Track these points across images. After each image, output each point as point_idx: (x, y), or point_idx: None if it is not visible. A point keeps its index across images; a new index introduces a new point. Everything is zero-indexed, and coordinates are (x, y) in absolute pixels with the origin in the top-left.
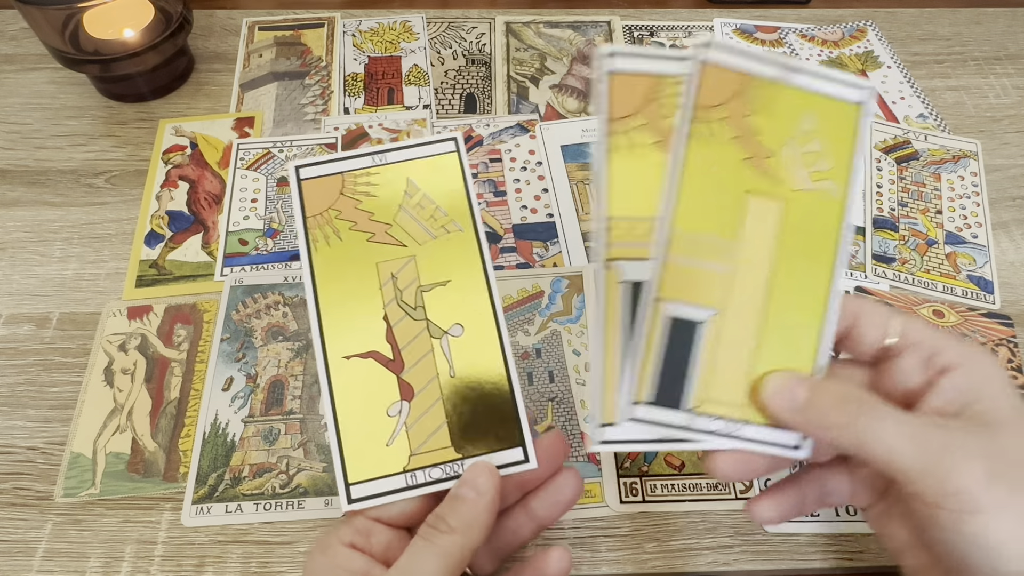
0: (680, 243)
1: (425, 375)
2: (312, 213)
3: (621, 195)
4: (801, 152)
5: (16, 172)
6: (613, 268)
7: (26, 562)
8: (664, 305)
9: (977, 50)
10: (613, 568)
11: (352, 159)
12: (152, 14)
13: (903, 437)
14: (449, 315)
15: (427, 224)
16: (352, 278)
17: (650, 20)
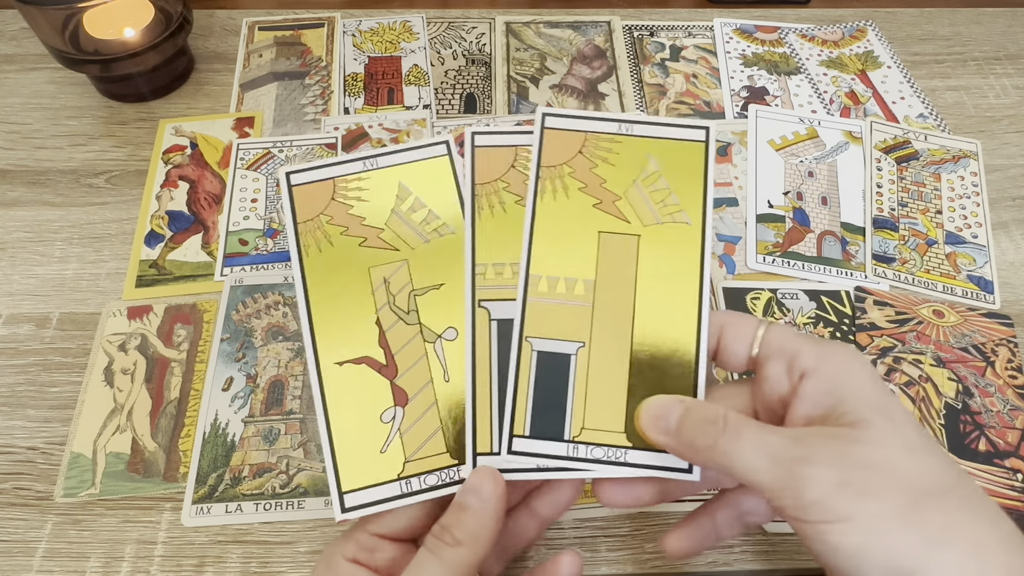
0: (539, 284)
1: (419, 380)
2: (303, 219)
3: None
4: (648, 191)
5: (16, 172)
6: (484, 309)
7: (26, 562)
8: (531, 342)
9: (977, 50)
10: (613, 568)
11: (343, 164)
12: (152, 14)
13: (760, 454)
14: (443, 318)
15: (419, 228)
16: (344, 283)
17: (650, 20)
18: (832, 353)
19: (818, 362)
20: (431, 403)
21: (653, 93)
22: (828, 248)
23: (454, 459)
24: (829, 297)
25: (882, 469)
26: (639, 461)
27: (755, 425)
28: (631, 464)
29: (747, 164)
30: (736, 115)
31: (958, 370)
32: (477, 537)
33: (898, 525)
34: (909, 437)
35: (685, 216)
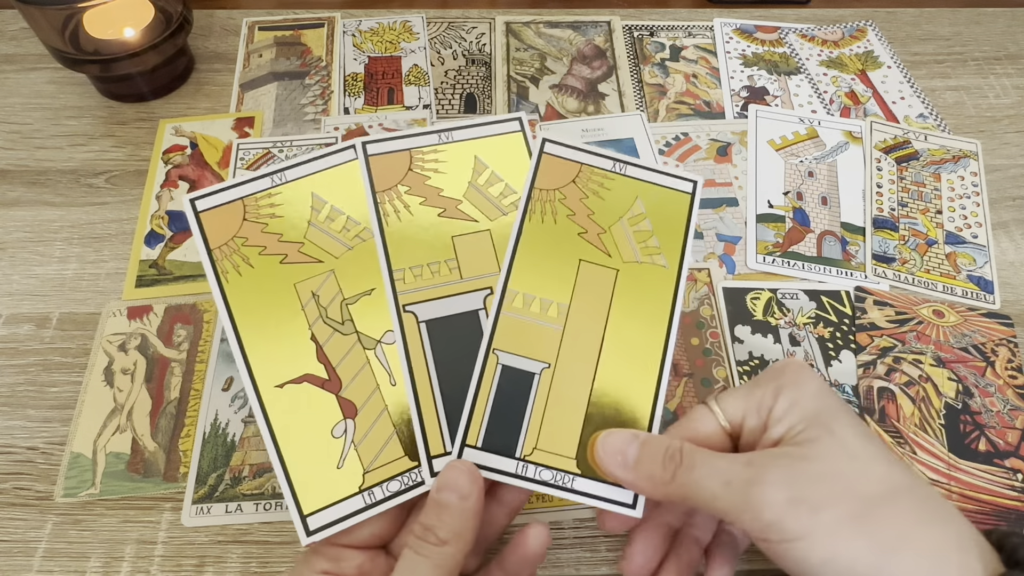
0: (514, 300)
1: (365, 389)
2: (216, 244)
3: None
4: (632, 230)
5: (16, 172)
6: (410, 313)
7: (26, 562)
8: (498, 354)
9: (977, 50)
10: (613, 568)
11: (250, 183)
12: (152, 14)
13: (717, 481)
14: (380, 323)
15: (340, 236)
16: (271, 304)
17: (650, 20)
18: (783, 380)
19: (774, 395)
20: (381, 409)
21: (653, 93)
22: (828, 248)
23: (414, 461)
24: (829, 297)
25: (830, 481)
26: (585, 490)
27: (708, 453)
28: (577, 491)
29: (747, 164)
30: (736, 115)
31: (958, 370)
32: (461, 534)
33: (854, 534)
34: (854, 447)
35: (663, 259)
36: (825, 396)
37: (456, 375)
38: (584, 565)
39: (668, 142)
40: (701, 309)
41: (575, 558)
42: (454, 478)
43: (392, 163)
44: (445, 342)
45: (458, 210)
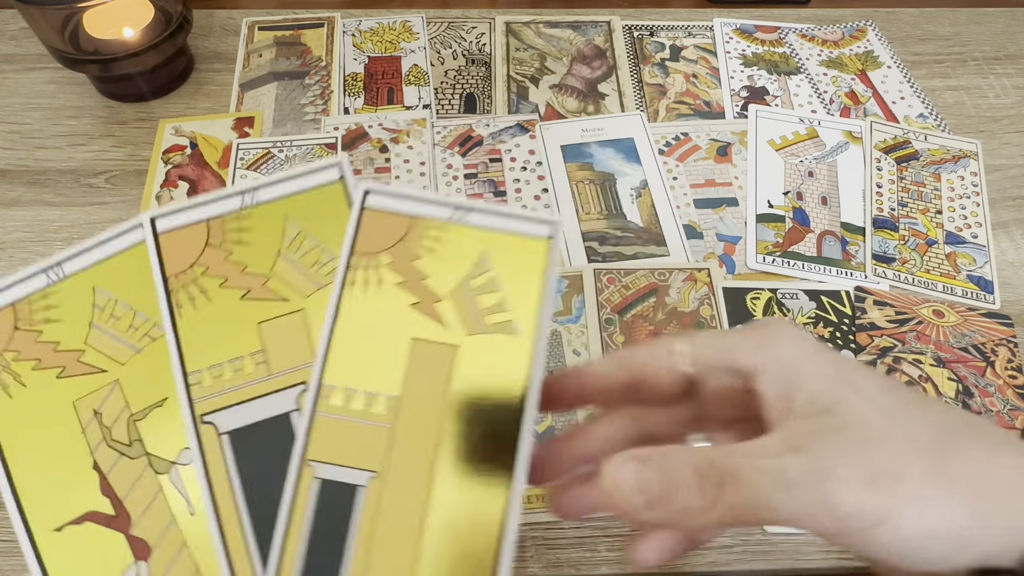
0: (332, 397)
1: (159, 522)
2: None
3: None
4: (476, 294)
5: (16, 172)
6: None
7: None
8: (314, 466)
9: (977, 50)
10: (613, 568)
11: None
12: (152, 14)
13: (774, 489)
14: (174, 440)
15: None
16: (46, 430)
17: (650, 20)
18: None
19: (759, 356)
20: (179, 546)
21: (653, 93)
22: (828, 248)
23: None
24: (829, 297)
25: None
26: None
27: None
28: None
29: (747, 164)
30: (736, 115)
31: (958, 370)
32: None
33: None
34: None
35: (517, 326)
36: (826, 352)
37: (267, 496)
38: (584, 565)
39: (668, 142)
40: (701, 309)
41: (575, 558)
42: None
43: (187, 239)
44: (253, 456)
45: (266, 288)
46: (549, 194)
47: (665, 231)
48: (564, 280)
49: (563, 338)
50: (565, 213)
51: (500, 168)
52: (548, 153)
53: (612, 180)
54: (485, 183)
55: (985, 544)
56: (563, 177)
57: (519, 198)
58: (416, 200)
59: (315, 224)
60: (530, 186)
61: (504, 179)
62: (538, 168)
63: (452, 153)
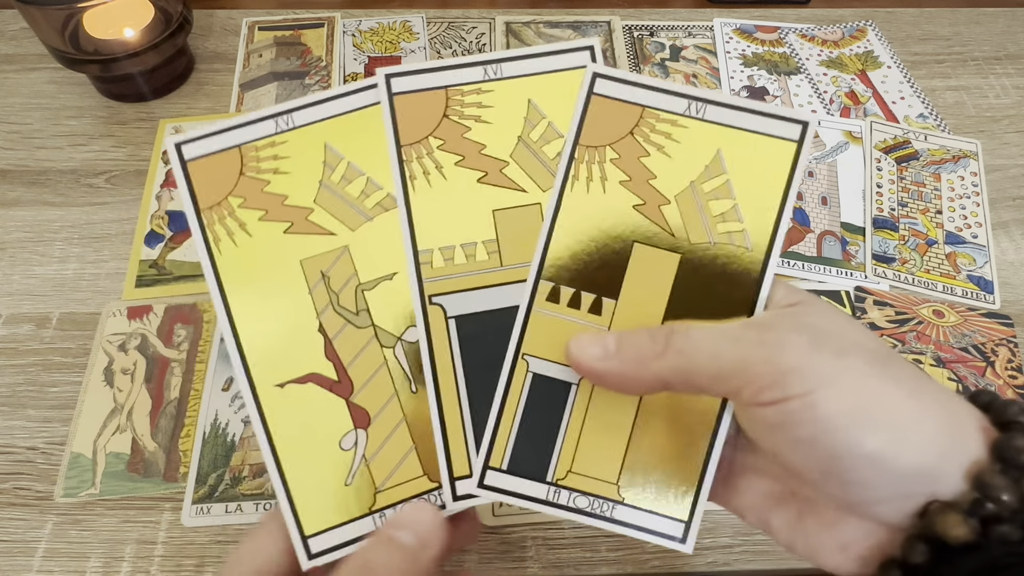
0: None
1: (381, 395)
2: (207, 204)
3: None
4: (707, 199)
5: (16, 172)
6: (437, 306)
7: (26, 562)
8: (529, 361)
9: (977, 50)
10: (613, 568)
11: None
12: (152, 14)
13: (720, 340)
14: (401, 316)
15: (358, 203)
16: (272, 283)
17: (650, 20)
18: None
19: None
20: (399, 420)
21: None
22: (828, 248)
23: (434, 482)
24: (829, 297)
25: (840, 332)
26: (628, 520)
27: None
28: (618, 521)
29: None
30: None
31: (958, 370)
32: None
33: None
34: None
35: (747, 239)
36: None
37: (490, 384)
38: (584, 565)
39: None
40: None
41: (575, 558)
42: (418, 519)
43: (424, 105)
44: (479, 344)
45: (503, 175)
46: None
47: None
48: None
49: None
50: None
51: None
52: None
53: None
54: None
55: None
56: None
57: None
58: (649, 88)
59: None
60: None
61: None
62: None
63: None
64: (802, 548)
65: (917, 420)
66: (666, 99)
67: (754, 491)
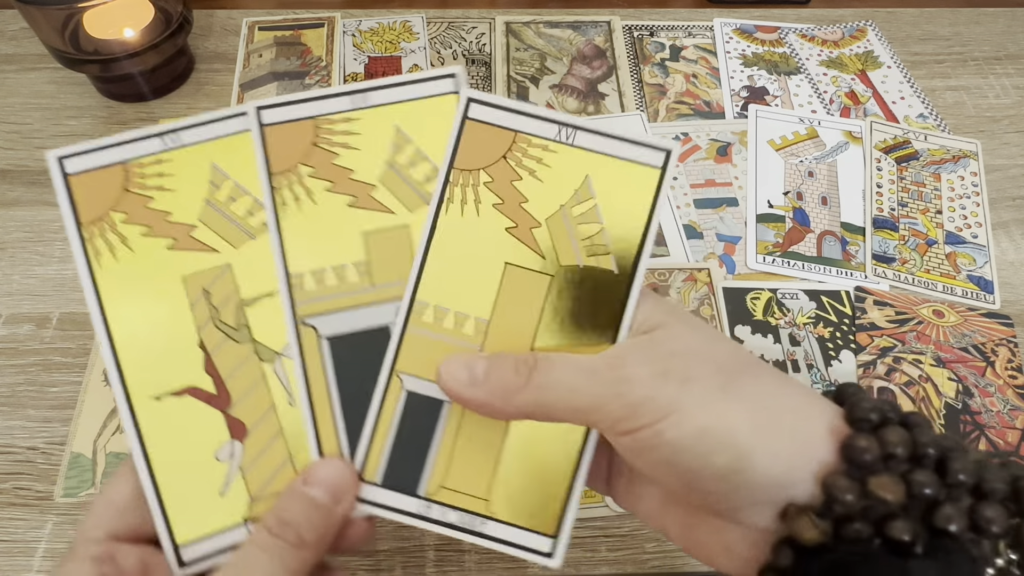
0: (424, 314)
1: (258, 408)
2: (88, 219)
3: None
4: (576, 223)
5: (16, 172)
6: (309, 327)
7: (26, 562)
8: (403, 379)
9: (977, 50)
10: (613, 568)
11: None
12: (152, 14)
13: (577, 376)
14: (281, 332)
15: (242, 221)
16: (153, 298)
17: (650, 20)
18: None
19: None
20: (276, 432)
21: (653, 93)
22: (828, 248)
23: None
24: (829, 297)
25: (689, 357)
26: (497, 535)
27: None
28: (488, 536)
29: (747, 164)
30: (736, 115)
31: (958, 370)
32: (323, 539)
33: (726, 400)
34: (698, 327)
35: (613, 263)
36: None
37: (363, 401)
38: (584, 565)
39: None
40: (701, 309)
41: (575, 558)
42: (333, 476)
43: (293, 135)
44: (351, 362)
45: (372, 198)
46: None
47: (665, 231)
48: None
49: None
50: None
51: None
52: None
53: None
54: None
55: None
56: None
57: None
58: (521, 114)
59: (426, 136)
60: None
61: None
62: None
63: None
64: (695, 551)
65: (760, 434)
66: (537, 124)
67: (650, 498)
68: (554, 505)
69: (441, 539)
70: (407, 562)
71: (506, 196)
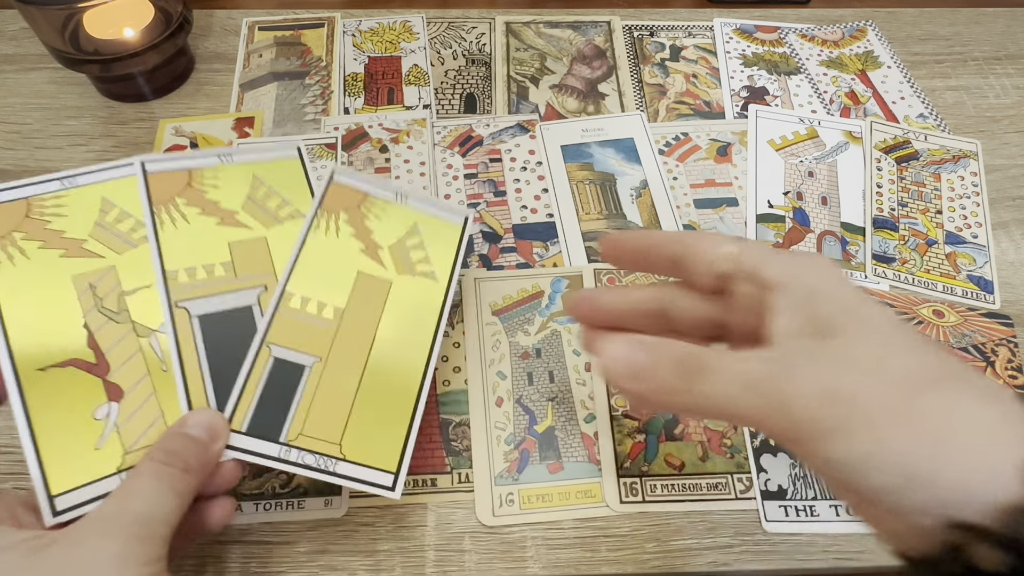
0: (291, 300)
1: (135, 374)
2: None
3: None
4: (409, 250)
5: (16, 172)
6: (182, 308)
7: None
8: (271, 348)
9: (977, 50)
10: (613, 568)
11: (36, 185)
12: (152, 14)
13: (737, 384)
14: (158, 316)
15: (127, 236)
16: (44, 293)
17: (650, 20)
18: (798, 261)
19: (785, 273)
20: (149, 393)
21: (653, 93)
22: (828, 248)
23: None
24: None
25: (865, 369)
26: (347, 473)
27: (723, 355)
28: (338, 475)
29: (747, 164)
30: (736, 115)
31: None
32: (205, 468)
33: (898, 423)
34: (886, 332)
35: (436, 274)
36: (848, 285)
37: (229, 367)
38: (584, 565)
39: (668, 142)
40: None
41: (575, 558)
42: (207, 418)
43: (172, 180)
44: (219, 335)
45: (236, 219)
46: (549, 194)
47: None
48: (564, 280)
49: (563, 338)
50: (565, 213)
51: (500, 168)
52: (548, 153)
53: (612, 180)
54: (485, 183)
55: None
56: (563, 177)
57: (519, 198)
58: (371, 184)
59: (276, 181)
60: (530, 186)
61: (504, 179)
62: (538, 168)
63: (452, 153)
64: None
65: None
66: (382, 191)
67: None
68: (395, 447)
69: (441, 539)
70: (407, 562)
71: (359, 228)
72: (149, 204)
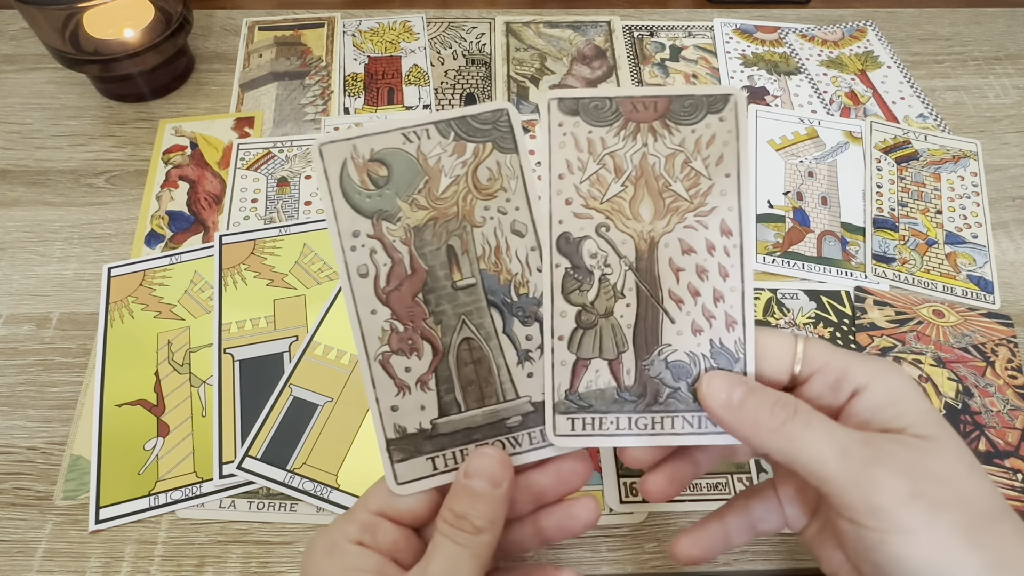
0: (316, 349)
1: (181, 415)
2: (114, 300)
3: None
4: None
5: (16, 172)
6: (228, 354)
7: (26, 562)
8: (293, 388)
9: (977, 50)
10: (613, 568)
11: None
12: (152, 14)
13: (831, 447)
14: (211, 369)
15: (203, 302)
16: (135, 344)
17: (650, 20)
18: (883, 369)
19: (870, 378)
20: (187, 434)
21: None
22: (828, 248)
23: (198, 477)
24: (829, 297)
25: (951, 484)
26: (339, 501)
27: (825, 417)
28: (331, 502)
29: None
30: None
31: (958, 370)
32: (495, 522)
33: (965, 543)
34: (968, 457)
35: None
36: (928, 400)
37: (256, 402)
38: (584, 565)
39: None
40: None
41: (575, 558)
42: (484, 465)
43: (239, 249)
44: (253, 377)
45: (284, 281)
46: None
47: None
48: None
49: None
50: None
51: None
52: None
53: None
54: None
55: None
56: None
57: None
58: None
59: (321, 248)
60: None
61: None
62: (538, 168)
63: None
64: None
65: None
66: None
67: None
68: None
69: None
70: None
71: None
72: (219, 271)
